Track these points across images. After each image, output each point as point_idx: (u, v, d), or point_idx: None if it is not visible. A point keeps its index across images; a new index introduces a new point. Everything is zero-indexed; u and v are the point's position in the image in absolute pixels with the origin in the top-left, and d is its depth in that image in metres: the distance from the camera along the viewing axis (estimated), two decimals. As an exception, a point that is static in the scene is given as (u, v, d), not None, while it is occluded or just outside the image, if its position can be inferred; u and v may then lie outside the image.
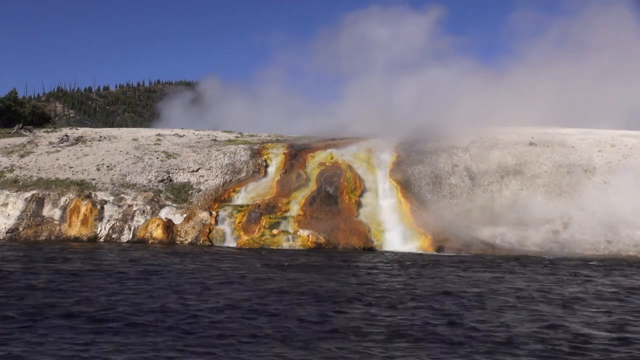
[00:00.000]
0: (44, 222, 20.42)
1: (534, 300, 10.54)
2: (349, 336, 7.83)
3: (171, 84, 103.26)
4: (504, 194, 21.53)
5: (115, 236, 20.06)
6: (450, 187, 22.00)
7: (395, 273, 13.84)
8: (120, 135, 27.81)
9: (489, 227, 19.87)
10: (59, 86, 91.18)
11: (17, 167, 23.04)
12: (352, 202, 20.96)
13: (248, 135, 30.12)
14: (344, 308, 9.53)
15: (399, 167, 22.75)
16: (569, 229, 19.57)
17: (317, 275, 13.07)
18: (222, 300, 9.87)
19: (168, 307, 9.22)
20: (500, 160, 22.87)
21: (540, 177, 22.02)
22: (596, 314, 9.49)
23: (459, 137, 24.47)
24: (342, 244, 19.19)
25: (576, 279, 13.43)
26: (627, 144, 23.62)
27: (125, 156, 24.13)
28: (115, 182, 22.07)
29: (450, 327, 8.41)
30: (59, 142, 25.78)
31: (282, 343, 7.46)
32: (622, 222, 19.60)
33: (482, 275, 13.56)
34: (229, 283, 11.70)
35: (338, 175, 22.10)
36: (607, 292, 11.66)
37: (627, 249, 18.82)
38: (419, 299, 10.44)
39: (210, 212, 20.46)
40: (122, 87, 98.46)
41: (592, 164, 22.40)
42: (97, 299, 9.77)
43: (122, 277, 12.13)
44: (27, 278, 11.73)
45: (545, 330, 8.37)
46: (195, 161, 23.84)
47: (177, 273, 12.90)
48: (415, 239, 19.42)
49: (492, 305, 9.97)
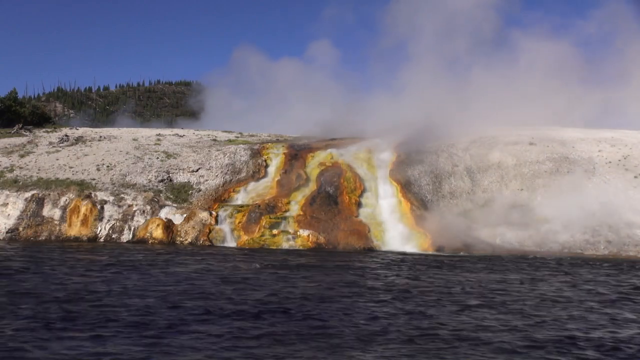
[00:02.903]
0: (44, 222, 20.42)
1: (553, 302, 10.53)
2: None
3: (171, 84, 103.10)
4: (504, 194, 21.55)
5: (115, 236, 20.05)
6: (450, 187, 22.02)
7: (397, 274, 13.83)
8: (120, 135, 27.82)
9: (489, 227, 19.87)
10: (59, 86, 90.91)
11: (17, 167, 23.04)
12: (352, 202, 20.96)
13: (248, 135, 30.15)
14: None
15: (399, 167, 22.75)
16: (569, 229, 19.57)
17: (325, 277, 13.08)
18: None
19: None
20: (500, 160, 22.90)
21: (540, 177, 22.04)
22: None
23: (458, 137, 24.49)
24: (342, 244, 19.19)
25: (576, 278, 13.44)
26: (627, 144, 23.64)
27: (125, 156, 24.14)
28: (115, 182, 22.07)
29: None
30: (59, 142, 25.78)
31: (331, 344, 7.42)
32: (622, 222, 19.61)
33: (483, 275, 13.55)
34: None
35: (338, 175, 22.10)
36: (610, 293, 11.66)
37: (627, 249, 18.82)
38: (431, 299, 10.44)
39: (210, 212, 20.46)
40: (122, 87, 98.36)
41: (592, 163, 22.42)
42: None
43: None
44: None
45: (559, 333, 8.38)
46: (195, 161, 23.84)
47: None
48: (415, 239, 19.41)
49: (494, 306, 9.98)
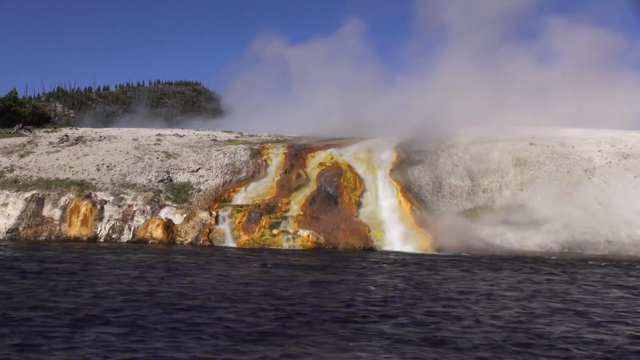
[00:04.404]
0: (44, 222, 20.41)
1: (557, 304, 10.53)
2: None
3: (171, 84, 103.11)
4: (504, 194, 21.56)
5: (115, 236, 20.05)
6: (450, 187, 22.02)
7: (398, 274, 13.84)
8: (120, 135, 27.82)
9: (489, 227, 19.87)
10: (59, 86, 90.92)
11: (17, 167, 23.04)
12: (352, 202, 20.96)
13: (248, 135, 30.15)
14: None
15: (399, 167, 22.74)
16: (569, 229, 19.57)
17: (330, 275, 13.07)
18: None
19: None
20: (500, 160, 22.89)
21: (540, 177, 22.04)
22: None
23: (458, 137, 24.48)
24: (342, 244, 19.18)
25: (573, 279, 13.44)
26: (627, 144, 23.64)
27: (125, 156, 24.13)
28: (115, 182, 22.06)
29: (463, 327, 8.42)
30: (59, 142, 25.78)
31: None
32: (622, 222, 19.62)
33: (483, 276, 13.56)
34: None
35: (338, 175, 22.10)
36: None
37: (627, 249, 18.82)
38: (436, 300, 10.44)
39: (210, 212, 20.46)
40: (122, 87, 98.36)
41: (592, 163, 22.42)
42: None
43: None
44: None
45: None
46: (195, 161, 23.84)
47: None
48: (415, 239, 19.40)
49: (497, 307, 9.97)
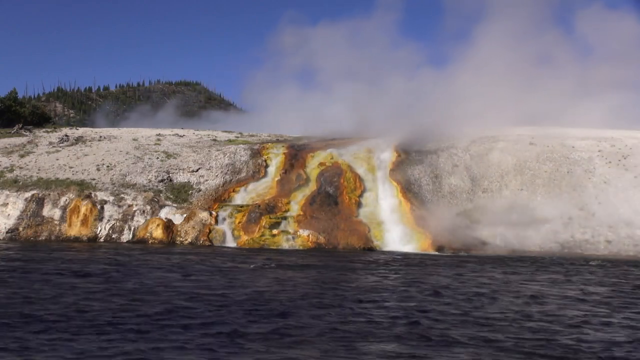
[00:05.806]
0: (44, 222, 20.42)
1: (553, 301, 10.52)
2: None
3: (171, 84, 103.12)
4: (504, 194, 21.56)
5: (115, 236, 20.05)
6: (450, 187, 22.02)
7: (398, 274, 13.83)
8: (120, 135, 27.82)
9: (489, 227, 19.88)
10: (59, 86, 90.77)
11: (17, 167, 23.04)
12: (352, 202, 20.96)
13: (248, 135, 30.15)
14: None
15: (399, 167, 22.75)
16: (569, 229, 19.59)
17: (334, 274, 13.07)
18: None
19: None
20: (500, 160, 22.89)
21: (540, 177, 22.04)
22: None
23: (458, 137, 24.48)
24: (342, 244, 19.18)
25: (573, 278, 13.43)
26: (627, 144, 23.63)
27: (125, 156, 24.13)
28: (115, 182, 22.07)
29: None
30: (59, 142, 25.78)
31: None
32: (622, 222, 19.63)
33: (484, 276, 13.55)
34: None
35: (338, 175, 22.10)
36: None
37: (627, 249, 18.83)
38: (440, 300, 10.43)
39: (210, 212, 20.46)
40: (122, 87, 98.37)
41: (592, 163, 22.42)
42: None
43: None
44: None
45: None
46: (195, 161, 23.84)
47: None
48: (415, 239, 19.41)
49: (498, 307, 9.96)
